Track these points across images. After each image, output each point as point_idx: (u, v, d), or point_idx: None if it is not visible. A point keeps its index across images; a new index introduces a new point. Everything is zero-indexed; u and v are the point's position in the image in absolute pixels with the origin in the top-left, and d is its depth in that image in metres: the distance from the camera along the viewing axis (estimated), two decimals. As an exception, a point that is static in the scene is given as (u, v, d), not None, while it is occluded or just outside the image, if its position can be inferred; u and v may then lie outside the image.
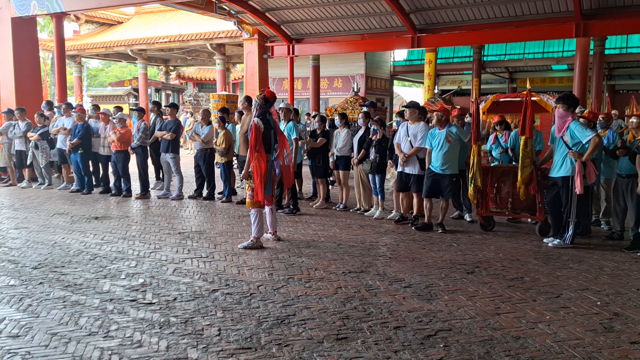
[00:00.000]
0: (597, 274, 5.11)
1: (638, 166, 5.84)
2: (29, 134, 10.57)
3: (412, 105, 7.54)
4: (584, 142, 5.83)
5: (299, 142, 8.35)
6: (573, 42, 16.47)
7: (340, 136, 8.48)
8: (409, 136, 7.19)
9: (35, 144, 10.52)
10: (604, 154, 6.52)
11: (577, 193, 5.88)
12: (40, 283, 4.74)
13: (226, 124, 9.25)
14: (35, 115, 10.68)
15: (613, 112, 16.63)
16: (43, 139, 10.50)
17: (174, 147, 9.33)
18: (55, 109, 11.40)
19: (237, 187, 10.02)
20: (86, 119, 10.29)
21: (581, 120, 6.36)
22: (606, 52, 17.81)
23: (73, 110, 10.29)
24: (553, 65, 22.95)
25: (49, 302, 4.25)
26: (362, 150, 7.88)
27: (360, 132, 8.11)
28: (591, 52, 15.08)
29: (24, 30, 12.73)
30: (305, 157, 8.83)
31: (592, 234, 6.73)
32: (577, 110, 6.59)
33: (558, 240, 6.16)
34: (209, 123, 9.42)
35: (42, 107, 11.61)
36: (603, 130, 7.00)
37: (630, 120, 6.52)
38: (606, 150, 6.55)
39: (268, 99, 6.03)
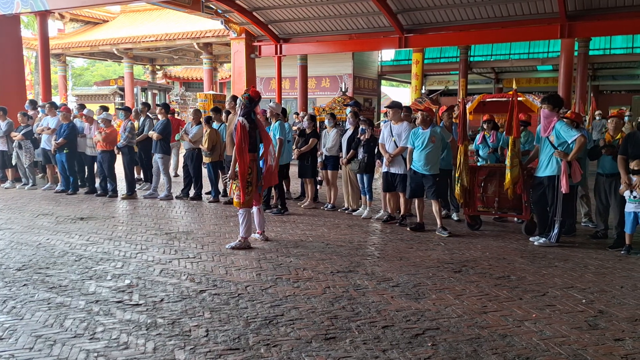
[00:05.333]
0: (582, 272, 5.17)
1: (620, 166, 5.92)
2: (13, 134, 10.42)
3: (395, 105, 7.57)
4: (569, 142, 5.90)
5: (295, 151, 8.39)
6: (558, 43, 16.67)
7: (330, 136, 8.48)
8: (393, 136, 7.21)
9: (18, 144, 10.37)
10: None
11: (563, 192, 5.94)
12: (25, 285, 4.67)
13: (214, 124, 9.19)
14: (19, 115, 10.52)
15: (597, 112, 16.91)
16: (26, 138, 10.36)
17: (161, 147, 9.24)
18: (39, 108, 11.25)
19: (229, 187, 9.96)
20: (71, 118, 10.18)
21: (565, 120, 6.43)
22: (590, 53, 18.08)
23: (58, 109, 10.16)
24: (538, 65, 23.23)
25: (33, 304, 4.19)
26: (351, 150, 7.89)
27: (349, 132, 8.12)
28: (576, 53, 15.27)
29: (7, 28, 12.53)
30: (294, 157, 8.81)
31: (577, 232, 6.81)
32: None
33: (544, 239, 6.23)
34: (199, 123, 9.37)
35: (26, 107, 11.46)
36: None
37: (608, 120, 6.61)
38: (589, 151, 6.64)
39: (253, 99, 6.01)
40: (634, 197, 5.75)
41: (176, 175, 12.12)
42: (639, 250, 5.83)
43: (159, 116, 9.52)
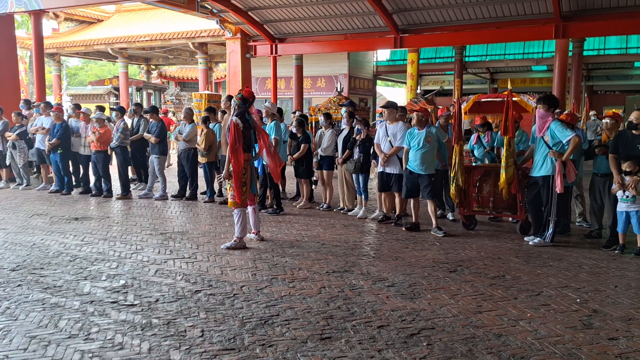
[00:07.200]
0: (577, 271, 5.19)
1: (611, 165, 5.96)
2: (7, 134, 10.36)
3: (390, 105, 7.58)
4: (564, 142, 5.92)
5: (289, 159, 8.40)
6: (552, 43, 16.74)
7: (325, 136, 8.49)
8: (388, 136, 7.22)
9: (12, 144, 10.32)
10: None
11: (558, 192, 5.97)
12: (19, 285, 4.65)
13: (210, 124, 9.18)
14: (13, 115, 10.47)
15: (592, 112, 16.97)
16: (21, 138, 10.31)
17: (158, 148, 9.22)
18: (33, 108, 11.19)
19: (224, 187, 9.94)
20: (65, 118, 10.13)
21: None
22: (585, 53, 18.16)
23: (51, 110, 10.10)
24: (533, 66, 23.31)
25: (27, 305, 4.17)
26: (347, 150, 7.89)
27: (345, 132, 8.13)
28: (570, 54, 15.34)
29: (0, 27, 12.47)
30: (289, 162, 8.79)
31: (571, 232, 6.84)
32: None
33: (538, 238, 6.25)
34: (192, 122, 9.35)
35: (20, 106, 11.40)
36: None
37: (604, 120, 6.64)
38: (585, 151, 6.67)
39: (247, 99, 6.01)
40: (626, 196, 5.79)
41: (169, 165, 12.18)
42: (633, 250, 5.86)
43: (151, 120, 9.42)
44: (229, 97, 8.42)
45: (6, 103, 11.38)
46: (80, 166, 10.13)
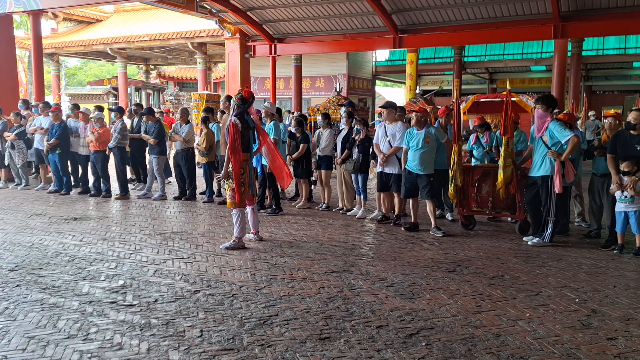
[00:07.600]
0: (575, 271, 5.20)
1: (609, 165, 5.96)
2: (6, 134, 10.35)
3: (389, 105, 7.58)
4: (562, 142, 5.92)
5: (288, 159, 8.39)
6: (551, 43, 16.77)
7: (323, 136, 8.49)
8: (387, 136, 7.23)
9: (11, 144, 10.31)
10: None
11: (557, 192, 5.97)
12: (17, 285, 4.64)
13: (210, 124, 9.18)
14: (12, 115, 10.46)
15: (591, 112, 16.99)
16: (20, 138, 10.30)
17: (157, 149, 9.22)
18: (32, 108, 11.19)
19: (223, 187, 9.94)
20: (64, 118, 10.12)
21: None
22: (583, 53, 18.20)
23: (49, 110, 10.09)
24: (532, 66, 23.35)
25: (26, 305, 4.16)
26: (346, 150, 7.89)
27: (344, 132, 8.13)
28: (569, 54, 15.36)
29: (-1, 27, 12.48)
30: (287, 161, 8.80)
31: (570, 232, 6.84)
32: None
33: (537, 238, 6.25)
34: (188, 122, 9.35)
35: (19, 107, 11.39)
36: None
37: (607, 120, 6.64)
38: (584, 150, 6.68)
39: (246, 99, 6.01)
40: (625, 196, 5.80)
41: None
42: (631, 250, 5.86)
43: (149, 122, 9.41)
44: (228, 97, 8.42)
45: (5, 103, 11.37)
46: (79, 166, 10.13)
